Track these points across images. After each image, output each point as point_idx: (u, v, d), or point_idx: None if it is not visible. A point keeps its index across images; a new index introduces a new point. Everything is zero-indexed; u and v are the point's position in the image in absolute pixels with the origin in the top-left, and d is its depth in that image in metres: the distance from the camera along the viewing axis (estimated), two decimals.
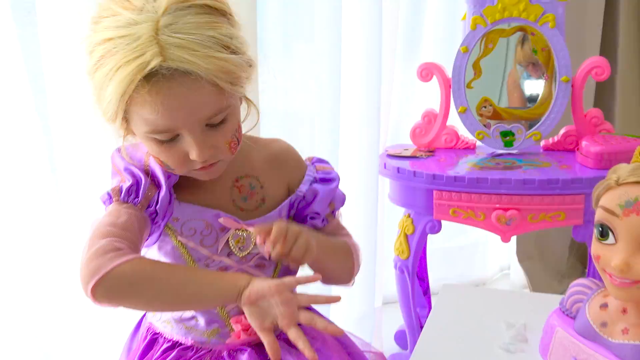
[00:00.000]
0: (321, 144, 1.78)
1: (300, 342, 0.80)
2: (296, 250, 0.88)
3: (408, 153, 1.78)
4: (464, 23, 1.72)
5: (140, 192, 0.89)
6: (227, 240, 0.95)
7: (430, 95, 1.91)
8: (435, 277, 2.08)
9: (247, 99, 0.95)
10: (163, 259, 0.96)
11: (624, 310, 0.91)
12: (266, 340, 0.82)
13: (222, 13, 0.84)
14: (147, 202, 0.90)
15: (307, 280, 0.85)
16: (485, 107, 1.74)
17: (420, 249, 1.73)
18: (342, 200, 1.07)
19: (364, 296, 1.95)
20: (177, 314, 0.99)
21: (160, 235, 0.94)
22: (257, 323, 0.83)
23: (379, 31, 1.81)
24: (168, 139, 0.84)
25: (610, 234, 0.87)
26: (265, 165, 1.02)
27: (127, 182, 0.90)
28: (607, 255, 0.87)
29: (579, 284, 1.03)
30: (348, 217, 1.90)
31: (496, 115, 1.74)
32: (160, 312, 1.01)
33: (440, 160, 1.71)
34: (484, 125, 1.74)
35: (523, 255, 2.42)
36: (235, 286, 0.84)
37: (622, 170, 0.87)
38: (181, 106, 0.81)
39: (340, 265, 1.04)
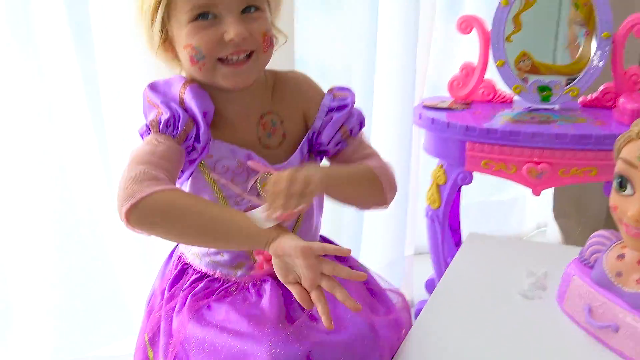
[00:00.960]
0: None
1: (320, 306, 0.80)
2: (297, 191, 0.84)
3: (445, 105, 1.79)
4: None
5: (179, 124, 0.92)
6: (256, 182, 0.97)
7: (474, 49, 1.90)
8: (470, 230, 2.09)
9: (275, 27, 0.99)
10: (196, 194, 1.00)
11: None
12: (294, 291, 0.82)
13: None
14: (185, 136, 0.92)
15: (335, 251, 0.83)
16: (523, 61, 1.73)
17: (452, 200, 1.74)
18: (359, 121, 1.05)
19: (394, 243, 1.98)
20: (204, 249, 1.03)
21: (193, 171, 0.97)
22: (282, 275, 0.84)
23: None
24: (207, 18, 0.89)
25: (628, 185, 0.88)
26: (282, 100, 1.03)
27: (165, 115, 0.92)
28: (624, 205, 0.89)
29: (599, 235, 1.05)
30: None
31: (534, 70, 1.73)
32: (189, 245, 1.04)
33: (476, 113, 1.71)
34: (522, 80, 1.73)
35: (559, 212, 2.42)
36: (264, 237, 0.84)
37: None
38: None
39: (363, 191, 1.01)
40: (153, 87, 0.97)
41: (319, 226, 1.12)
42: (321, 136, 1.03)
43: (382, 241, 1.97)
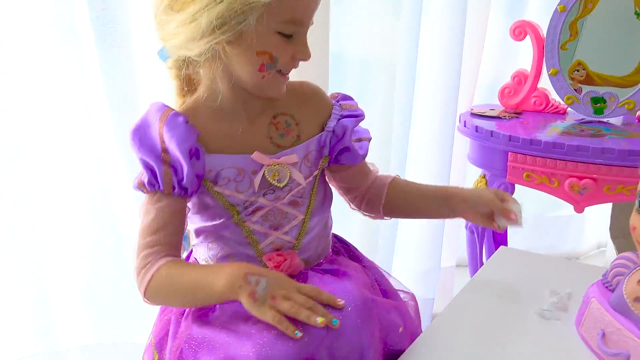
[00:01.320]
0: (398, 96, 1.75)
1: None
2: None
3: (494, 113, 1.73)
4: None
5: (158, 178, 0.93)
6: (264, 177, 0.97)
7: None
8: (522, 245, 2.02)
9: None
10: (206, 209, 0.99)
11: None
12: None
13: None
14: (170, 185, 0.93)
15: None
16: (578, 70, 1.65)
17: None
18: (367, 135, 1.11)
19: (429, 253, 1.92)
20: (212, 255, 1.03)
21: (197, 190, 0.97)
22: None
23: None
24: (290, 34, 0.91)
25: None
26: (299, 104, 1.03)
27: (145, 175, 0.94)
28: None
29: (624, 257, 0.98)
30: (420, 171, 1.87)
31: (589, 80, 1.65)
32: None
33: (525, 123, 1.64)
34: (575, 90, 1.65)
35: (617, 232, 2.29)
36: (226, 293, 0.87)
37: None
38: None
39: None
40: (133, 135, 0.95)
41: (330, 224, 1.11)
42: (343, 140, 1.05)
43: (416, 250, 1.92)
